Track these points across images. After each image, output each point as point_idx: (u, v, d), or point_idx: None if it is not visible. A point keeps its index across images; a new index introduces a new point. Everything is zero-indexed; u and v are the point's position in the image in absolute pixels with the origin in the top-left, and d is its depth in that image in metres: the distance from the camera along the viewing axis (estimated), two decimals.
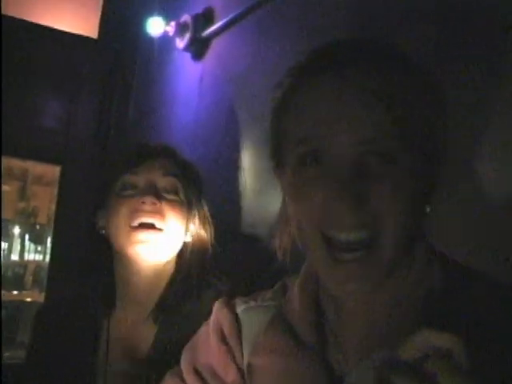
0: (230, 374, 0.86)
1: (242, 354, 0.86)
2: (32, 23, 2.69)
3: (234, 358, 0.86)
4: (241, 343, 0.86)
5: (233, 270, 1.46)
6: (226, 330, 0.88)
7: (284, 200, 0.80)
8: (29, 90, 2.63)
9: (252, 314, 0.88)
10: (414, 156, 0.68)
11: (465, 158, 1.06)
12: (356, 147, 0.67)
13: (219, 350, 0.87)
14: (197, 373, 0.88)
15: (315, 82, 0.72)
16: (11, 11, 2.55)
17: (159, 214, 1.28)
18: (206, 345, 0.90)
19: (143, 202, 1.27)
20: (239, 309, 0.90)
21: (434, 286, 0.73)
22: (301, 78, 0.75)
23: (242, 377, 0.85)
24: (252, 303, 0.91)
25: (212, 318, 0.92)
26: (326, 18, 1.55)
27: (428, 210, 0.73)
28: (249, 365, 0.85)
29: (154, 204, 1.27)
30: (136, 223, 1.27)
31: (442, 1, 1.19)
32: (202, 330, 0.94)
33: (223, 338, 0.88)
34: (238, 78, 1.93)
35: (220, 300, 0.94)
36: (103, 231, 1.35)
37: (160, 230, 1.29)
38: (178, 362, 0.95)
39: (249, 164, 1.79)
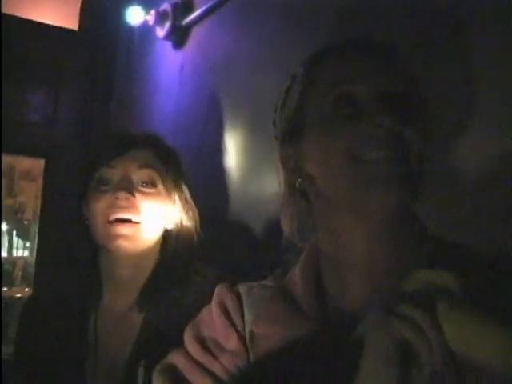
0: (232, 343, 0.89)
1: (244, 324, 0.90)
2: (13, 16, 2.67)
3: (235, 328, 0.90)
4: (242, 315, 0.91)
5: (219, 257, 1.46)
6: (228, 304, 0.92)
7: (289, 179, 0.90)
8: (10, 84, 2.61)
9: (253, 292, 0.94)
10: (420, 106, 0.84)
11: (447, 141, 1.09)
12: (383, 90, 0.80)
13: (221, 322, 0.91)
14: (200, 342, 0.91)
15: (341, 53, 0.87)
16: None
17: (134, 208, 1.29)
18: (209, 320, 0.94)
19: (117, 198, 1.28)
20: (241, 289, 0.95)
21: (422, 261, 0.80)
22: (325, 52, 0.89)
23: (244, 344, 0.89)
24: (254, 284, 0.96)
25: (214, 297, 0.95)
26: (307, 4, 1.55)
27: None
28: (251, 333, 0.88)
29: (128, 199, 1.28)
30: (112, 218, 1.28)
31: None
32: (204, 310, 0.97)
33: (225, 311, 0.92)
34: (218, 66, 1.93)
35: (221, 284, 0.98)
36: (87, 222, 1.35)
37: (137, 223, 1.29)
38: (166, 347, 0.96)
39: (231, 151, 1.79)
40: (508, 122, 1.00)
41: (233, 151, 1.78)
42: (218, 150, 1.84)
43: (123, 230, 1.28)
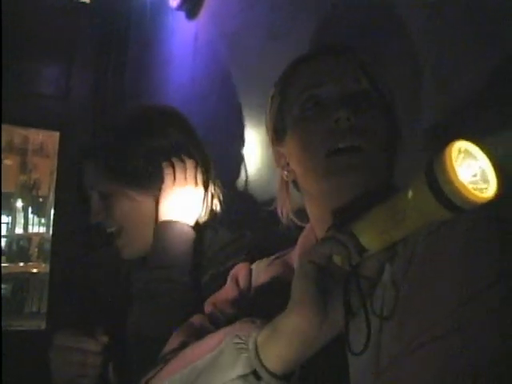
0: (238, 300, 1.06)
1: (251, 289, 1.08)
2: None
3: (242, 292, 1.07)
4: (250, 282, 1.09)
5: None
6: (240, 275, 1.10)
7: (280, 173, 1.05)
8: (24, 58, 2.61)
9: (260, 265, 1.11)
10: (383, 100, 0.95)
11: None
12: (342, 90, 0.93)
13: (232, 287, 1.09)
14: (213, 305, 1.08)
15: (311, 60, 1.00)
16: None
17: None
18: (224, 289, 1.12)
19: None
20: (253, 265, 1.12)
21: None
22: (299, 61, 1.02)
23: None
24: (263, 259, 1.12)
25: (231, 272, 1.14)
26: None
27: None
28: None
29: None
30: None
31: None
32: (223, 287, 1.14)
33: (236, 281, 1.10)
34: (232, 34, 1.91)
35: (240, 263, 1.15)
36: None
37: None
38: None
39: (247, 120, 1.78)
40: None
41: (248, 120, 1.77)
42: (233, 120, 1.83)
43: None
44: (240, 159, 1.78)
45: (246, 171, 1.76)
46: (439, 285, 0.73)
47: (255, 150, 1.73)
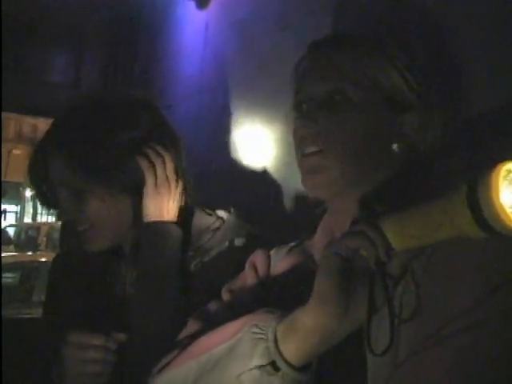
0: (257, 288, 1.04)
1: (269, 276, 1.06)
2: None
3: (260, 280, 1.05)
4: (269, 274, 1.06)
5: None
6: (259, 264, 1.07)
7: None
8: (33, 46, 2.61)
9: (279, 251, 1.10)
10: (371, 98, 0.93)
11: None
12: (316, 95, 0.95)
13: (250, 274, 1.07)
14: (231, 292, 1.07)
15: (306, 60, 1.01)
16: None
17: None
18: (241, 276, 1.09)
19: None
20: (272, 251, 1.10)
21: None
22: (300, 60, 1.04)
23: None
24: (283, 246, 1.12)
25: (249, 258, 1.10)
26: None
27: (395, 147, 0.94)
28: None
29: None
30: None
31: None
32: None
33: (254, 268, 1.07)
34: (242, 24, 1.90)
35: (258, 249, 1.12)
36: None
37: None
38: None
39: (258, 110, 1.77)
40: None
41: (259, 110, 1.77)
42: (243, 110, 1.82)
43: None
44: (248, 150, 1.78)
45: (252, 162, 1.76)
46: (455, 284, 0.72)
47: (265, 140, 1.72)
